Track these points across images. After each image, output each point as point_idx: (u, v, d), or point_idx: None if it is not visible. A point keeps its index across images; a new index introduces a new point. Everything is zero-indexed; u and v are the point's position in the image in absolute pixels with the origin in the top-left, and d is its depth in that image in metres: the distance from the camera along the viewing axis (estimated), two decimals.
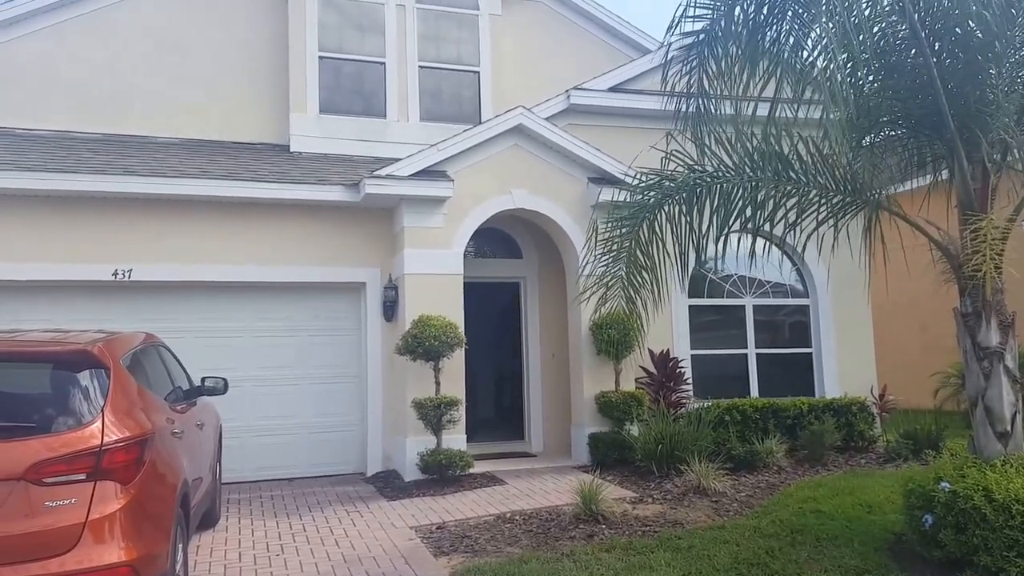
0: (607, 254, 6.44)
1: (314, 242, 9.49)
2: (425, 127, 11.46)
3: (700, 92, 6.04)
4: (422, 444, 8.68)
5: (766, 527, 6.39)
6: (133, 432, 4.30)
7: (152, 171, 8.94)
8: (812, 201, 6.04)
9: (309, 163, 10.45)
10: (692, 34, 5.85)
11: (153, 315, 8.83)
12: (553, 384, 10.49)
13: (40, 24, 10.66)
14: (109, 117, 10.73)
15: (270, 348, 9.45)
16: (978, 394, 5.49)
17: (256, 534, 6.80)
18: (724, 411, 9.38)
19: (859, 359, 10.86)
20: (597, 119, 10.42)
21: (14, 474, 3.91)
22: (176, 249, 8.98)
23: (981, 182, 5.65)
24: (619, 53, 12.68)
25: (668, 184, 6.15)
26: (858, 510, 6.86)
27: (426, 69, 11.83)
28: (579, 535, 6.37)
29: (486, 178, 9.51)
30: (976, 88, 5.49)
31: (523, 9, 12.68)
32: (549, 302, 10.63)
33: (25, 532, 3.87)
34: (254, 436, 9.27)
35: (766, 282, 10.81)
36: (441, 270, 9.22)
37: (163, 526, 4.48)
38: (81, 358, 4.42)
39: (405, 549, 6.18)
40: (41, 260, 8.53)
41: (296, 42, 11.23)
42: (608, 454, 9.05)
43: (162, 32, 11.10)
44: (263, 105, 11.34)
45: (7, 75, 10.47)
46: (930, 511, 5.15)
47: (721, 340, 10.67)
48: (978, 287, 5.35)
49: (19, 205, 8.54)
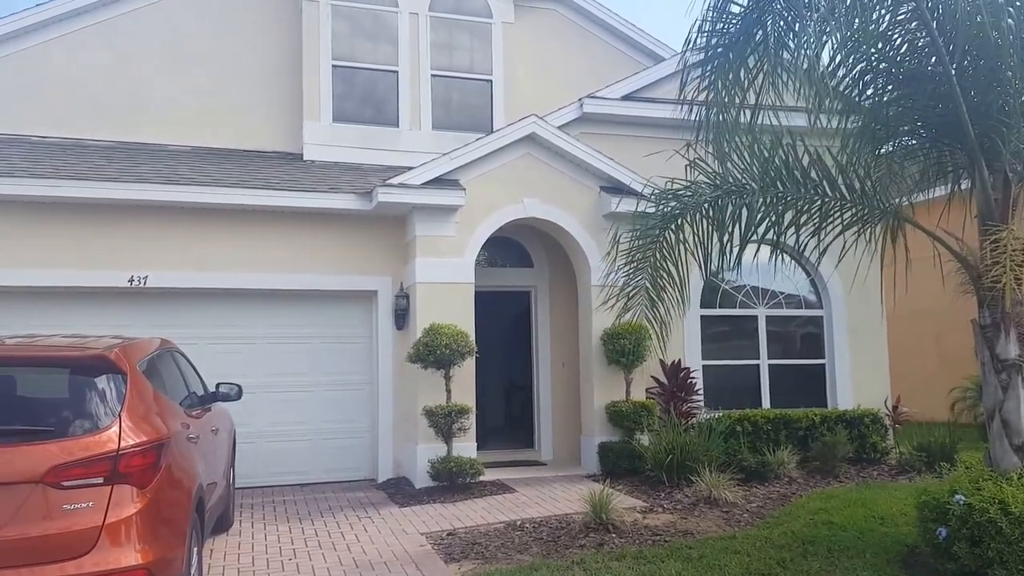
0: (629, 264, 6.44)
1: (326, 250, 9.52)
2: (437, 136, 11.50)
3: (719, 102, 6.04)
4: (433, 451, 8.68)
5: (777, 538, 6.36)
6: (150, 436, 4.32)
7: (166, 179, 9.00)
8: (831, 212, 6.03)
9: (321, 171, 10.50)
10: (707, 48, 5.86)
11: (168, 321, 8.87)
12: (563, 393, 10.48)
13: (55, 33, 10.76)
14: (123, 125, 10.81)
15: (283, 355, 9.48)
16: (995, 406, 5.46)
17: (269, 539, 6.81)
18: (735, 422, 9.35)
19: (873, 370, 10.80)
20: (610, 128, 10.42)
21: (33, 477, 3.94)
22: (191, 256, 9.03)
23: (1002, 192, 5.63)
24: (633, 61, 12.69)
25: (688, 196, 6.15)
26: (871, 522, 6.82)
27: (438, 78, 11.87)
28: (589, 544, 6.35)
29: (498, 187, 9.53)
30: (998, 98, 5.47)
31: (536, 17, 12.71)
32: (560, 311, 10.64)
33: (43, 534, 3.89)
34: (267, 442, 9.29)
35: (779, 293, 10.77)
36: (453, 279, 9.23)
37: (178, 530, 4.50)
38: (99, 363, 4.45)
39: (416, 555, 6.18)
40: (58, 267, 8.60)
41: (310, 51, 11.30)
42: (618, 463, 9.03)
43: (175, 41, 11.20)
44: (276, 114, 11.41)
45: (23, 83, 10.57)
46: (944, 524, 5.12)
47: (733, 350, 10.64)
48: (997, 299, 5.33)
49: (35, 212, 8.61)
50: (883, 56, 5.67)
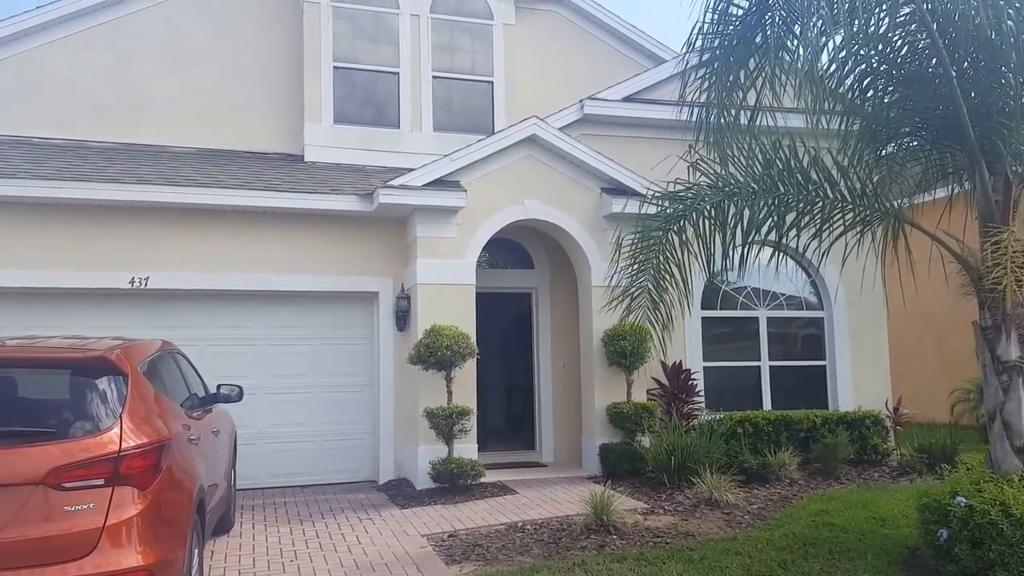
0: (632, 265, 6.44)
1: (328, 251, 9.53)
2: (438, 137, 11.51)
3: (719, 104, 6.04)
4: (434, 453, 8.69)
5: (779, 540, 6.35)
6: (151, 438, 4.32)
7: (167, 180, 9.01)
8: (833, 214, 6.03)
9: (323, 173, 10.50)
10: (708, 49, 5.86)
11: (169, 322, 8.88)
12: (564, 394, 10.48)
13: (57, 35, 10.77)
14: (124, 126, 10.82)
15: (284, 356, 9.49)
16: (996, 408, 5.46)
17: (270, 540, 6.81)
18: (736, 423, 9.35)
19: (874, 372, 10.79)
20: (611, 129, 10.43)
21: (34, 479, 3.94)
22: (192, 258, 9.04)
23: (1003, 194, 5.63)
24: (634, 63, 12.70)
25: (689, 197, 6.16)
26: (872, 524, 6.82)
27: (439, 79, 11.88)
28: (590, 545, 6.35)
29: (499, 188, 9.54)
30: (998, 99, 5.47)
31: (537, 19, 12.72)
32: (561, 312, 10.64)
33: (44, 536, 3.89)
34: (268, 443, 9.30)
35: (780, 294, 10.77)
36: (454, 280, 9.24)
37: (179, 531, 4.50)
38: (100, 364, 4.45)
39: (417, 557, 6.18)
40: (60, 268, 8.61)
41: (311, 52, 11.31)
42: (619, 465, 9.02)
43: (176, 42, 11.21)
44: (277, 115, 11.41)
45: (25, 84, 10.59)
46: (945, 525, 5.11)
47: (734, 352, 10.64)
48: (998, 300, 5.33)
49: (36, 213, 8.62)
50: (883, 58, 5.67)
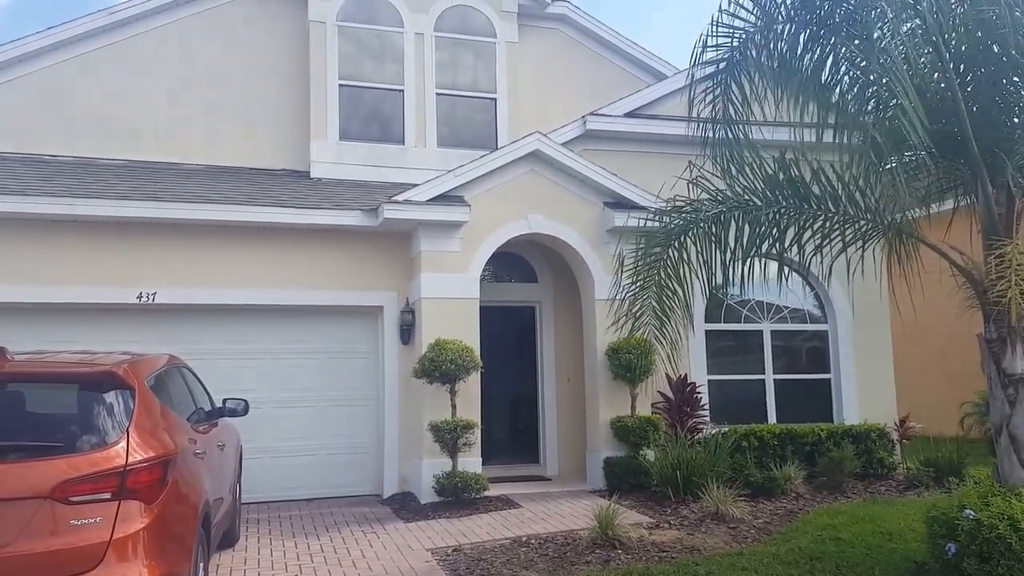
0: (635, 283, 6.44)
1: (333, 266, 9.57)
2: (442, 153, 11.58)
3: (724, 119, 6.07)
4: (438, 467, 8.68)
5: (785, 554, 6.32)
6: (157, 452, 4.34)
7: (175, 197, 9.09)
8: (835, 227, 6.04)
9: (328, 189, 10.58)
10: (714, 62, 5.91)
11: (176, 337, 8.91)
12: (568, 408, 10.47)
13: (67, 54, 10.91)
14: (132, 143, 10.94)
15: (289, 371, 9.51)
16: (1003, 421, 5.44)
17: (275, 554, 6.81)
18: (741, 437, 9.31)
19: (879, 385, 10.75)
20: (614, 144, 10.47)
21: (41, 492, 3.96)
22: (199, 273, 9.09)
23: (1006, 207, 5.62)
24: (636, 79, 12.76)
25: (690, 212, 6.17)
26: (879, 538, 6.77)
27: (443, 96, 11.97)
28: (595, 560, 6.33)
29: (502, 203, 9.58)
30: (1001, 113, 5.49)
31: (540, 36, 12.83)
32: (565, 325, 10.65)
33: (50, 550, 3.91)
34: (273, 457, 9.30)
35: (784, 307, 10.76)
36: (458, 294, 9.27)
37: (185, 545, 4.52)
38: (107, 379, 4.49)
39: (421, 571, 6.17)
40: (68, 283, 8.66)
41: (317, 71, 11.43)
42: (624, 479, 8.99)
43: (183, 61, 11.33)
44: (283, 132, 11.51)
45: (36, 103, 10.71)
46: (953, 539, 5.08)
47: (738, 365, 10.62)
48: (1003, 313, 5.31)
49: (46, 230, 8.68)
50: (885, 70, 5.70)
